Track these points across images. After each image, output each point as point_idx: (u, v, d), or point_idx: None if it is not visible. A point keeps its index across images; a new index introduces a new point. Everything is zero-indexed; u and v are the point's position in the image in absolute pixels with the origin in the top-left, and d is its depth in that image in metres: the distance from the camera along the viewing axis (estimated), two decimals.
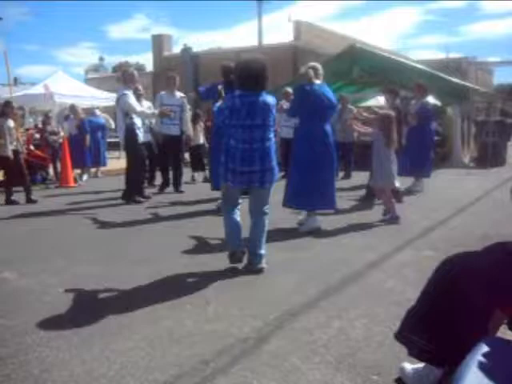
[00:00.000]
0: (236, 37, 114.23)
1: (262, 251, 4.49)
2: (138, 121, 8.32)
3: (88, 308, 3.64)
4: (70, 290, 4.02)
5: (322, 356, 2.82)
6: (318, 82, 5.89)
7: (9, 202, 8.92)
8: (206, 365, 2.73)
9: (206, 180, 11.36)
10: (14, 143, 9.08)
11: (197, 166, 11.93)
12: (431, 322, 2.30)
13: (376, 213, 6.89)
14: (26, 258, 5.07)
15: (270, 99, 4.37)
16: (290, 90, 11.70)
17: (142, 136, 8.47)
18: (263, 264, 4.47)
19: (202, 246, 5.40)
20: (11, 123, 9.09)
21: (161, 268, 4.54)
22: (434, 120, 8.57)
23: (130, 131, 8.16)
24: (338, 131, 10.05)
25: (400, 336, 2.44)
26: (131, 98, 8.11)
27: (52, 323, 3.35)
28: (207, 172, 11.29)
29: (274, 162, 4.44)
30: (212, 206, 7.61)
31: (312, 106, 5.81)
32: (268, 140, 4.36)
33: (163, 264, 4.69)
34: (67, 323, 3.34)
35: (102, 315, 3.45)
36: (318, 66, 6.01)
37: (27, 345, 3.03)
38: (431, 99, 9.70)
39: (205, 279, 4.21)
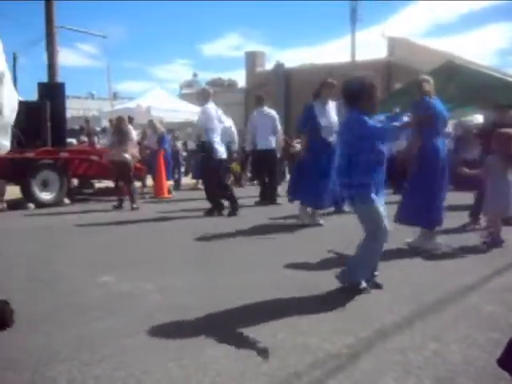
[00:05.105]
0: (328, 53, 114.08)
1: None
2: (217, 137, 8.46)
3: (184, 315, 3.73)
4: (170, 296, 4.16)
5: (418, 378, 2.74)
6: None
7: (119, 207, 9.69)
8: (299, 377, 2.74)
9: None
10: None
11: None
12: None
13: (474, 235, 6.55)
14: (124, 264, 5.32)
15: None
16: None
17: (222, 152, 8.60)
18: None
19: (296, 259, 5.36)
20: (133, 132, 9.78)
21: (254, 278, 4.60)
22: None
23: (209, 146, 8.35)
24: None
25: (503, 363, 2.33)
26: (211, 113, 8.36)
27: (150, 327, 3.47)
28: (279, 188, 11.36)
29: None
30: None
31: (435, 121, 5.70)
32: None
33: (257, 275, 4.75)
34: (164, 328, 3.46)
35: (197, 323, 3.55)
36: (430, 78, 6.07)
37: (127, 346, 3.16)
38: None
39: (298, 292, 4.22)
